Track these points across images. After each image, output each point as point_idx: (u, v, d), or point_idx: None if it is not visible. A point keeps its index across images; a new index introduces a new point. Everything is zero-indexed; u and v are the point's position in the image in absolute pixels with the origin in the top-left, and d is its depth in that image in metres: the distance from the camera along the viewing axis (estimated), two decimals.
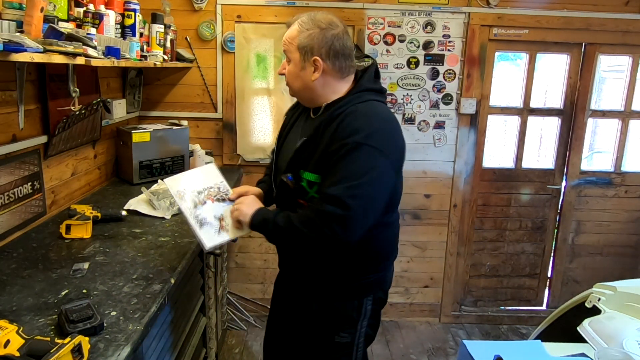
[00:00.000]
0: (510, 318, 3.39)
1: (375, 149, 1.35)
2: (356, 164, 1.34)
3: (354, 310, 1.59)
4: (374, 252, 1.56)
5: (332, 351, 1.62)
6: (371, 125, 1.38)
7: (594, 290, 1.58)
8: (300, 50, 1.45)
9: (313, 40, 1.43)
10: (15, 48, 1.14)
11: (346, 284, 1.57)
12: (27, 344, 1.02)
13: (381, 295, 1.65)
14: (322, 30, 1.44)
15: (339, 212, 1.31)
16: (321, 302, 1.60)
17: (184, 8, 2.86)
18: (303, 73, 1.47)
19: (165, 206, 2.08)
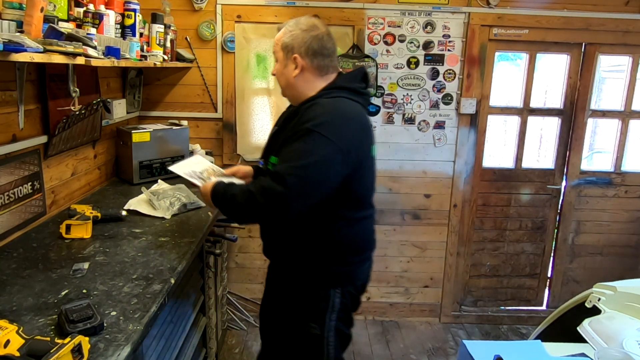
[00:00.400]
0: (510, 318, 3.39)
1: (324, 137, 1.43)
2: (303, 147, 1.44)
3: (321, 301, 1.65)
4: (340, 245, 1.62)
5: (305, 341, 1.70)
6: (326, 116, 1.48)
7: (594, 290, 1.58)
8: (284, 49, 1.60)
9: (294, 40, 1.58)
10: (15, 48, 1.14)
11: (314, 273, 1.65)
12: (27, 344, 1.03)
13: (351, 290, 1.69)
14: (303, 32, 1.58)
15: (278, 188, 1.40)
16: (294, 289, 1.70)
17: (184, 8, 2.86)
18: (286, 70, 1.61)
19: (165, 206, 2.08)
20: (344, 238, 1.63)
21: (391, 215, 3.21)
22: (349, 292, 1.69)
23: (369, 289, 3.30)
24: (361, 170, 1.57)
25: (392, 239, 3.25)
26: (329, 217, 1.57)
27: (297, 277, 1.69)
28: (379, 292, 3.33)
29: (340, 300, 1.66)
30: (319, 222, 1.58)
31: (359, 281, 1.73)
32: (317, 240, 1.61)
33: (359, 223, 1.65)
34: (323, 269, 1.64)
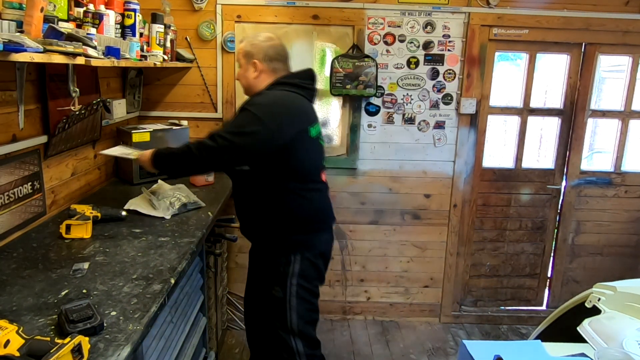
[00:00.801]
0: (510, 318, 3.39)
1: (255, 115, 1.77)
2: (236, 120, 1.82)
3: (281, 265, 1.93)
4: (294, 215, 1.92)
5: (270, 303, 1.98)
6: (261, 100, 1.85)
7: (594, 290, 1.58)
8: (245, 56, 1.95)
9: (254, 48, 1.94)
10: (15, 48, 1.14)
11: (276, 241, 1.95)
12: (27, 344, 1.03)
13: (310, 257, 1.95)
14: (261, 42, 1.95)
15: (209, 143, 1.76)
16: (263, 255, 2.02)
17: (184, 8, 2.86)
18: (247, 73, 1.96)
19: (165, 206, 2.08)
20: (297, 209, 1.91)
21: (391, 215, 3.21)
22: (307, 259, 1.94)
23: (369, 289, 3.32)
24: (296, 147, 1.85)
25: (392, 239, 3.25)
26: (280, 190, 1.88)
27: (264, 246, 2.01)
28: (379, 292, 3.33)
29: (300, 265, 1.93)
30: (274, 195, 1.88)
31: (316, 249, 1.97)
32: (275, 211, 1.91)
33: (308, 195, 1.92)
34: (282, 236, 1.94)
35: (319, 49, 3.02)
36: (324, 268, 2.06)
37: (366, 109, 3.05)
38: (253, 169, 1.86)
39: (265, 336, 2.14)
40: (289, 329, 1.95)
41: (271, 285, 1.96)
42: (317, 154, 1.98)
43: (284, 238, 1.93)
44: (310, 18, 2.90)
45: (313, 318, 2.04)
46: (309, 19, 2.91)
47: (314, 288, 2.00)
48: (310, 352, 1.99)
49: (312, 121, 1.96)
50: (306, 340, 1.98)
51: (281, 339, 1.96)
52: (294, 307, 1.94)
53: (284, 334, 1.96)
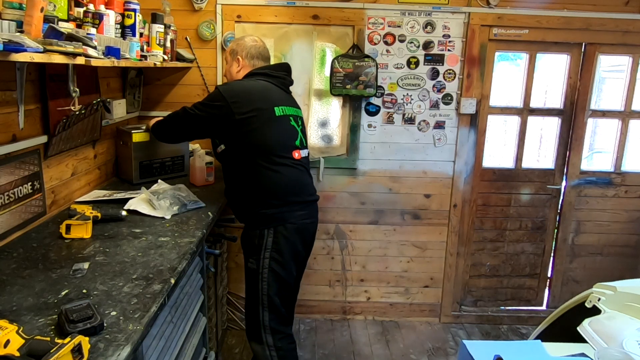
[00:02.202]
0: (510, 318, 3.39)
1: (219, 92, 2.05)
2: (207, 96, 2.13)
3: (256, 238, 2.08)
4: (264, 190, 2.06)
5: (247, 275, 2.15)
6: (229, 83, 2.18)
7: (594, 290, 1.58)
8: (231, 53, 2.26)
9: (238, 47, 2.24)
10: (15, 48, 1.14)
11: (251, 216, 2.10)
12: (27, 344, 1.03)
13: (282, 231, 2.07)
14: (245, 41, 2.25)
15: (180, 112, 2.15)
16: (243, 233, 2.15)
17: (184, 8, 2.86)
18: (232, 69, 2.26)
19: (165, 206, 2.08)
20: (267, 184, 2.06)
21: (391, 215, 3.21)
22: (281, 234, 2.06)
23: (369, 289, 3.32)
24: (257, 123, 2.04)
25: (392, 239, 3.25)
26: (250, 165, 2.05)
27: (243, 221, 2.16)
28: (379, 292, 3.33)
29: (273, 239, 2.06)
30: (246, 171, 2.06)
31: (289, 224, 2.08)
32: (247, 186, 2.08)
33: (276, 171, 2.06)
34: (255, 211, 2.08)
35: (319, 49, 3.02)
36: (301, 246, 2.15)
37: (366, 109, 3.05)
38: (228, 148, 2.10)
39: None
40: (259, 300, 2.08)
41: (247, 258, 2.13)
42: (284, 133, 2.13)
43: (257, 212, 2.07)
44: (310, 18, 2.90)
45: (283, 294, 2.12)
46: (309, 19, 2.91)
47: (287, 263, 2.10)
48: (276, 326, 2.10)
49: (278, 103, 2.13)
50: (274, 312, 2.09)
51: (251, 309, 2.12)
52: (265, 279, 2.07)
53: (253, 305, 2.10)
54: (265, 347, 2.11)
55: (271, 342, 2.10)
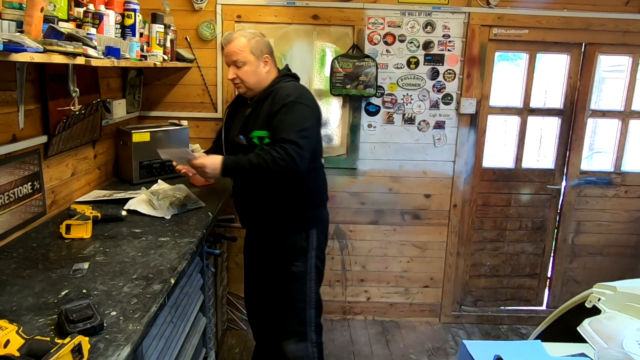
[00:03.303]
0: (510, 318, 3.39)
1: (306, 105, 1.96)
2: (297, 115, 1.92)
3: (303, 241, 2.08)
4: (310, 191, 2.09)
5: (290, 280, 2.11)
6: (298, 91, 2.00)
7: (594, 290, 1.58)
8: (254, 53, 2.01)
9: (260, 44, 2.02)
10: (15, 48, 1.14)
11: (294, 218, 2.07)
12: (27, 344, 1.02)
13: (323, 230, 2.16)
14: (261, 37, 2.05)
15: (296, 149, 1.84)
16: (278, 237, 2.10)
17: (184, 8, 2.86)
18: (258, 70, 2.03)
19: (165, 206, 2.08)
20: (312, 185, 2.09)
21: (391, 215, 3.21)
22: (321, 232, 2.14)
23: (369, 289, 3.32)
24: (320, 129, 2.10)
25: (392, 239, 3.25)
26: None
27: (282, 228, 2.09)
28: (379, 292, 3.33)
29: (317, 238, 2.11)
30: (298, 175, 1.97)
31: (324, 222, 2.18)
32: (296, 189, 2.03)
33: (318, 172, 2.13)
34: (301, 214, 2.07)
35: (319, 49, 3.02)
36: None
37: (366, 109, 3.05)
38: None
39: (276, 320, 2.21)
40: (308, 300, 2.12)
41: (290, 262, 2.09)
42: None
43: (303, 214, 2.08)
44: (310, 18, 2.90)
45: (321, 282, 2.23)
46: (309, 19, 2.91)
47: (325, 258, 2.21)
48: (317, 320, 2.18)
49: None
50: (318, 309, 2.18)
51: (299, 310, 2.12)
52: (312, 278, 2.11)
53: (302, 305, 2.12)
54: (308, 345, 2.14)
55: (314, 339, 2.15)
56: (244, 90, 2.06)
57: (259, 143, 1.99)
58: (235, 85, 2.05)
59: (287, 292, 2.13)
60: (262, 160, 1.85)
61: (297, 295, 2.12)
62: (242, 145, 2.02)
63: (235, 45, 1.99)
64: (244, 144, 2.02)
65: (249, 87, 2.04)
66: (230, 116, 2.20)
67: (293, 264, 2.09)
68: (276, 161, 1.83)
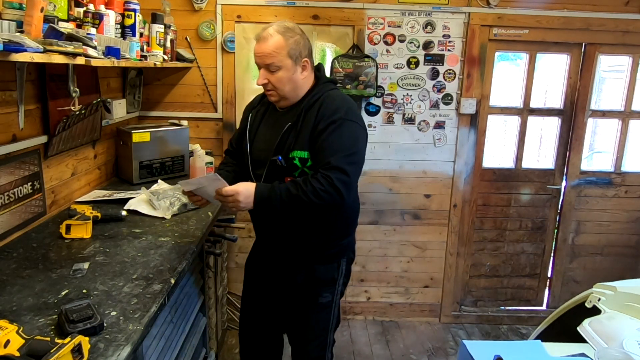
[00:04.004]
0: (510, 318, 3.39)
1: (355, 122, 1.66)
2: (345, 136, 1.62)
3: (334, 272, 1.84)
4: (346, 217, 1.83)
5: (315, 312, 1.87)
6: (346, 105, 1.68)
7: (594, 290, 1.58)
8: (292, 57, 1.65)
9: (299, 46, 1.66)
10: (15, 48, 1.14)
11: (328, 249, 1.81)
12: (27, 344, 1.02)
13: (351, 255, 1.93)
14: (302, 36, 1.69)
15: (343, 178, 1.57)
16: (305, 267, 1.82)
17: (184, 8, 2.86)
18: (295, 76, 1.68)
19: (165, 206, 2.08)
20: (350, 212, 1.84)
21: (391, 215, 3.21)
22: (351, 259, 1.92)
23: (369, 289, 3.31)
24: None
25: (392, 239, 3.25)
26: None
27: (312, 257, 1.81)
28: (379, 292, 3.33)
29: (346, 267, 1.88)
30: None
31: (354, 248, 1.95)
32: (333, 217, 1.76)
33: (356, 197, 1.87)
34: (336, 243, 1.82)
35: (319, 49, 3.02)
36: None
37: (366, 109, 3.05)
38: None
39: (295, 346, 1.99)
40: (330, 327, 1.93)
41: (317, 294, 1.84)
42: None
43: (338, 244, 1.83)
44: (310, 18, 2.90)
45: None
46: (309, 19, 2.90)
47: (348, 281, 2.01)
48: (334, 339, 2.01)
49: None
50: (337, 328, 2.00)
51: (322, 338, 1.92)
52: (337, 305, 1.92)
53: (324, 333, 1.92)
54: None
55: (330, 357, 1.99)
56: (277, 98, 1.72)
57: (300, 166, 1.67)
58: (267, 92, 1.72)
59: (310, 322, 1.90)
60: (301, 191, 1.56)
61: (321, 324, 1.90)
62: (280, 166, 1.68)
63: (271, 45, 1.62)
64: (282, 166, 1.68)
65: (283, 96, 1.70)
66: (255, 124, 1.83)
67: (320, 295, 1.85)
68: (318, 193, 1.55)
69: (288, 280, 1.86)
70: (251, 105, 1.92)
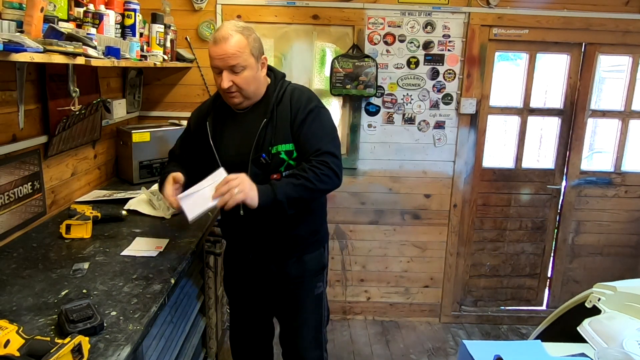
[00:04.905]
0: (510, 318, 3.39)
1: (326, 109, 1.73)
2: (325, 123, 1.68)
3: (322, 258, 1.84)
4: (324, 200, 1.88)
5: (313, 305, 1.84)
6: (314, 95, 1.74)
7: (594, 290, 1.58)
8: (254, 55, 1.60)
9: (258, 43, 1.63)
10: (15, 48, 1.14)
11: (313, 236, 1.80)
12: (27, 344, 1.03)
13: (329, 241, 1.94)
14: (254, 34, 1.63)
15: (336, 161, 1.61)
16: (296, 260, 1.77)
17: (184, 8, 2.86)
18: (258, 74, 1.64)
19: (165, 206, 2.08)
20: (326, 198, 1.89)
21: (391, 215, 3.21)
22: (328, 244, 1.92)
23: (369, 289, 3.32)
24: None
25: (392, 239, 3.25)
26: None
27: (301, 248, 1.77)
28: (379, 292, 3.33)
29: (327, 253, 1.89)
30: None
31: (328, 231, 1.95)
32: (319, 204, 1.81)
33: None
34: (318, 228, 1.83)
35: (319, 49, 3.02)
36: None
37: (366, 109, 3.05)
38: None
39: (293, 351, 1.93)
40: (324, 320, 1.90)
41: (313, 285, 1.82)
42: None
43: (323, 230, 1.86)
44: (310, 18, 2.90)
45: None
46: (309, 19, 2.91)
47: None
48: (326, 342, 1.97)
49: None
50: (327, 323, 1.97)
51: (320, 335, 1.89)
52: (326, 295, 1.89)
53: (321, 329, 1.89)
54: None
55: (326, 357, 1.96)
56: (240, 100, 1.64)
57: (287, 158, 1.64)
58: (230, 95, 1.62)
59: (309, 319, 1.84)
60: (304, 179, 1.55)
61: (318, 318, 1.86)
62: (264, 164, 1.64)
63: (234, 45, 1.54)
64: (267, 163, 1.64)
65: (247, 96, 1.64)
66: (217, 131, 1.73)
67: (315, 286, 1.82)
68: (321, 178, 1.55)
69: (279, 278, 1.79)
70: (201, 112, 1.82)
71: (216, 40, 1.57)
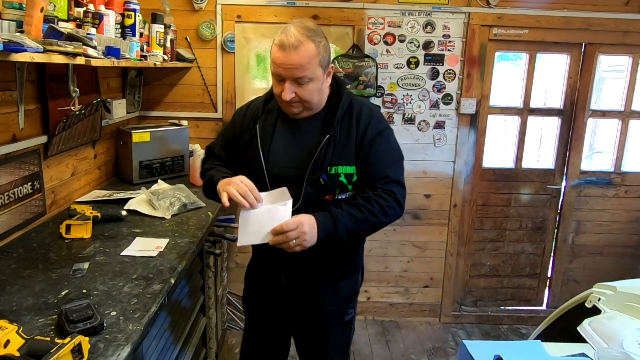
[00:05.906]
0: (510, 318, 3.39)
1: (392, 130, 1.55)
2: (393, 146, 1.52)
3: (355, 284, 1.69)
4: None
5: (340, 332, 1.69)
6: (380, 112, 1.56)
7: (594, 290, 1.58)
8: (322, 66, 1.42)
9: (327, 51, 1.44)
10: (15, 48, 1.14)
11: (351, 260, 1.64)
12: (27, 344, 1.02)
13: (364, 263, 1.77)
14: (325, 38, 1.44)
15: (402, 191, 1.47)
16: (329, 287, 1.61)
17: (184, 8, 2.86)
18: (324, 86, 1.47)
19: (165, 206, 2.08)
20: None
21: None
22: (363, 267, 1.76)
23: (369, 289, 3.31)
24: None
25: (392, 239, 3.25)
26: None
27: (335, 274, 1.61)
28: (379, 292, 3.33)
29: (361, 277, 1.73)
30: None
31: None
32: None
33: None
34: (355, 253, 1.65)
35: None
36: None
37: None
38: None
39: None
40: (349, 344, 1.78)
41: (343, 312, 1.67)
42: None
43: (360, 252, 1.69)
44: (310, 18, 2.90)
45: None
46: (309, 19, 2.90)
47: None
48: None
49: None
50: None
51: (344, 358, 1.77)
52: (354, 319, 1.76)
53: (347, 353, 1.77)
54: None
55: None
56: (300, 110, 1.46)
57: (346, 182, 1.45)
58: (290, 104, 1.43)
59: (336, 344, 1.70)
60: (368, 213, 1.40)
61: (345, 344, 1.74)
62: (320, 185, 1.44)
63: (304, 56, 1.35)
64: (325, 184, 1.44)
65: (308, 108, 1.46)
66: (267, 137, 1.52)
67: (346, 313, 1.67)
68: (386, 212, 1.41)
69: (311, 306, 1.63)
70: (252, 113, 1.59)
71: (283, 46, 1.35)
